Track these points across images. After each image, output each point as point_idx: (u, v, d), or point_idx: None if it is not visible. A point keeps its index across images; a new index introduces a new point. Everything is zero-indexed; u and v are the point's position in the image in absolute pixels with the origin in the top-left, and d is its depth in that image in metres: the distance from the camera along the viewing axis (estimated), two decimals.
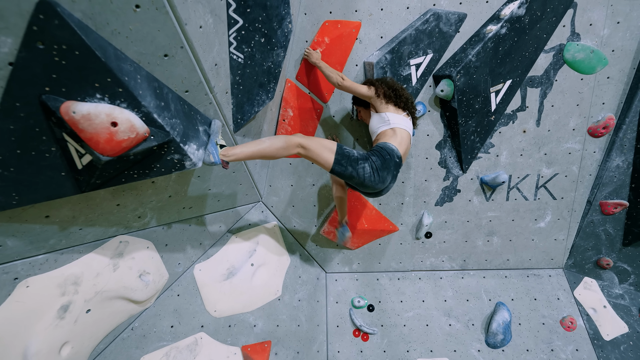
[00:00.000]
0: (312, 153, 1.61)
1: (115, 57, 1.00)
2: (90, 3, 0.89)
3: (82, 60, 0.93)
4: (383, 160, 1.69)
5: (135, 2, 0.96)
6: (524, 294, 2.67)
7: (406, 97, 1.95)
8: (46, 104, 0.94)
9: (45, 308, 1.41)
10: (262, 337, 2.30)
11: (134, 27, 1.01)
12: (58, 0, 0.83)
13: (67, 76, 0.93)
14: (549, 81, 2.36)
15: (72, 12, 0.87)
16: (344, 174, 1.64)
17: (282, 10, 1.62)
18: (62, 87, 0.95)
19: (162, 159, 1.27)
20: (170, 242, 2.00)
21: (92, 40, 0.92)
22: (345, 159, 1.62)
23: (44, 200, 1.16)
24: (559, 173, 2.55)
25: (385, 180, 1.70)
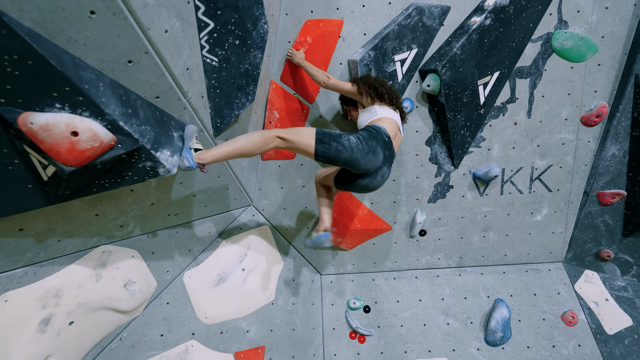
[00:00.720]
0: (291, 142, 1.53)
1: (72, 65, 0.98)
2: (40, 11, 0.87)
3: (37, 70, 0.91)
4: (369, 132, 1.63)
5: (89, 8, 0.94)
6: (523, 290, 2.61)
7: (388, 93, 1.90)
8: (2, 116, 0.92)
9: (26, 322, 1.40)
10: (255, 342, 2.27)
11: (91, 34, 0.99)
12: (5, 9, 0.81)
13: (22, 87, 0.92)
14: (538, 71, 2.31)
15: (21, 20, 0.85)
16: (330, 153, 1.52)
17: (255, 11, 1.59)
18: (18, 98, 0.93)
19: (133, 166, 1.25)
20: (157, 250, 1.98)
21: (46, 49, 0.90)
22: (327, 137, 1.54)
23: (13, 213, 1.14)
24: (553, 164, 2.49)
25: (377, 152, 1.59)
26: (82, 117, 1.01)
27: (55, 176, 1.08)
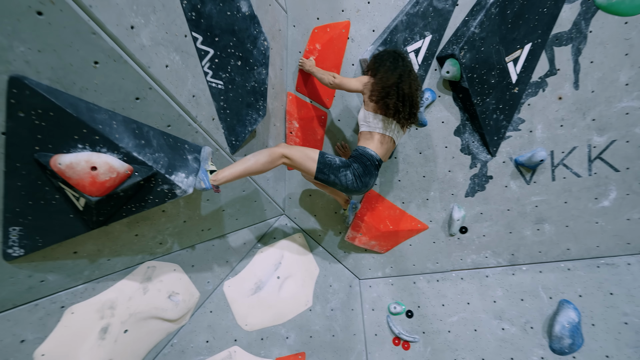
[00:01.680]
0: (296, 162, 1.65)
1: (87, 110, 1.14)
2: (53, 70, 1.04)
3: (58, 119, 1.08)
4: (364, 167, 1.70)
5: (93, 59, 1.10)
6: (595, 289, 2.24)
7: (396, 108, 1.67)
8: (39, 161, 1.11)
9: (88, 331, 1.63)
10: (295, 348, 2.32)
11: (98, 80, 1.14)
12: (25, 74, 0.99)
13: (49, 134, 1.10)
14: (581, 34, 2.00)
15: (40, 80, 1.03)
16: (327, 181, 1.68)
17: (252, 30, 1.67)
18: (49, 144, 1.11)
19: (153, 190, 1.40)
20: (196, 263, 2.16)
21: (63, 101, 1.07)
22: (327, 168, 1.65)
23: (63, 239, 1.36)
24: (617, 139, 2.11)
25: (369, 184, 1.73)
26: (99, 153, 1.16)
27: (87, 206, 1.26)
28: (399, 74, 1.68)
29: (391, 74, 1.67)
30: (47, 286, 1.49)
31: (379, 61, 1.76)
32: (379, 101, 1.69)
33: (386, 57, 1.75)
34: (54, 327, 1.56)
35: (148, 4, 1.21)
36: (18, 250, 1.27)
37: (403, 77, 1.68)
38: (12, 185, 1.13)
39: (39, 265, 1.41)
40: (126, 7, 1.13)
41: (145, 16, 1.21)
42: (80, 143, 1.15)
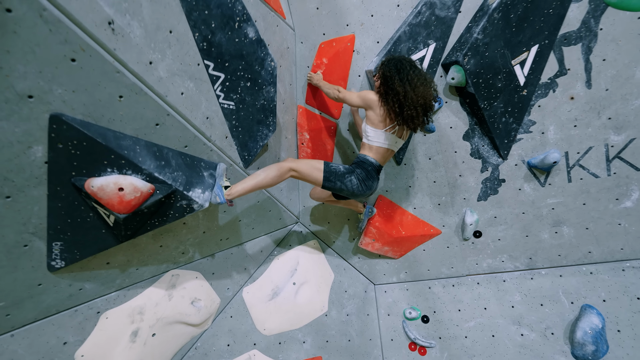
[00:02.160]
0: (303, 174, 1.76)
1: (114, 138, 1.29)
2: (85, 106, 1.19)
3: (90, 148, 1.23)
4: (367, 172, 1.82)
5: (118, 94, 1.25)
6: (620, 293, 2.15)
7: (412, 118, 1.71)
8: (75, 185, 1.27)
9: (121, 334, 1.80)
10: (312, 352, 2.39)
11: (123, 112, 1.29)
12: (62, 111, 1.15)
13: (83, 161, 1.25)
14: (591, 32, 1.96)
15: (74, 116, 1.19)
16: (334, 188, 1.81)
17: (260, 53, 1.79)
18: (83, 169, 1.27)
19: (173, 206, 1.54)
20: (216, 271, 2.30)
21: (93, 132, 1.22)
22: (332, 175, 1.77)
23: (98, 252, 1.52)
24: (637, 137, 2.04)
25: (372, 187, 1.87)
26: (125, 176, 1.31)
27: (117, 222, 1.41)
28: (410, 83, 1.68)
29: (401, 87, 1.68)
30: (85, 294, 1.67)
31: (386, 76, 1.75)
32: (397, 117, 1.73)
33: (391, 71, 1.73)
34: (91, 331, 1.73)
35: (164, 41, 1.36)
36: (60, 262, 1.44)
37: (413, 86, 1.68)
38: (54, 206, 1.30)
39: (77, 275, 1.58)
40: (145, 46, 1.28)
41: (162, 51, 1.35)
42: (109, 167, 1.30)
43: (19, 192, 1.20)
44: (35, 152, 1.16)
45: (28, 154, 1.15)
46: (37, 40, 1.00)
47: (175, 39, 1.41)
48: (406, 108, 1.68)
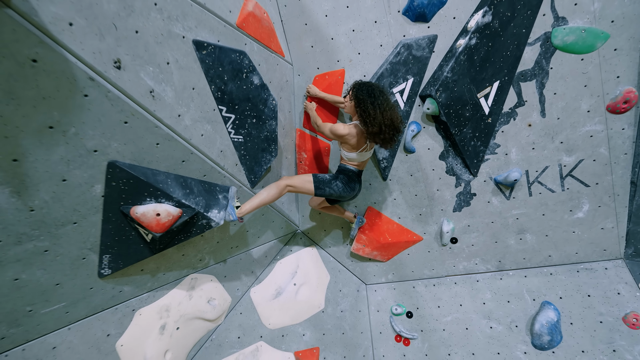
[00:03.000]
0: (298, 188, 2.16)
1: (152, 175, 1.67)
2: (132, 153, 1.57)
3: (135, 184, 1.61)
4: (348, 177, 2.25)
5: (155, 142, 1.62)
6: (574, 291, 2.51)
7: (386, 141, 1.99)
8: (123, 212, 1.65)
9: (151, 328, 2.18)
10: (311, 344, 2.77)
11: (159, 155, 1.67)
12: (116, 159, 1.53)
13: (129, 193, 1.63)
14: (543, 71, 2.31)
15: (124, 161, 1.56)
16: (325, 194, 2.19)
17: (263, 95, 2.16)
18: (129, 200, 1.65)
19: (195, 224, 1.92)
20: (228, 274, 2.68)
21: (137, 171, 1.60)
22: (321, 184, 2.17)
23: (137, 261, 1.90)
24: (585, 158, 2.38)
25: (355, 189, 2.27)
26: (161, 204, 1.69)
27: (153, 238, 1.79)
28: (380, 107, 1.89)
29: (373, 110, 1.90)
30: (124, 295, 2.05)
31: (359, 99, 1.96)
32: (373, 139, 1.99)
33: (364, 95, 1.94)
34: (128, 325, 2.11)
35: (188, 96, 1.73)
36: (107, 270, 1.83)
37: (382, 109, 1.89)
38: (106, 228, 1.68)
39: (119, 280, 1.96)
40: (175, 103, 1.65)
41: (187, 105, 1.73)
42: (149, 197, 1.68)
43: (83, 219, 1.58)
44: (96, 189, 1.54)
45: (91, 191, 1.54)
46: (103, 112, 1.38)
47: (197, 93, 1.79)
48: (375, 128, 1.90)
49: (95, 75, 1.30)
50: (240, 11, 2.11)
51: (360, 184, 2.33)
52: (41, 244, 1.50)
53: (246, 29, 2.14)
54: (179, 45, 1.65)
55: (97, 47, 1.28)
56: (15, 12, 1.05)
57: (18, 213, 1.36)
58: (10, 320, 1.57)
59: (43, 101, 1.22)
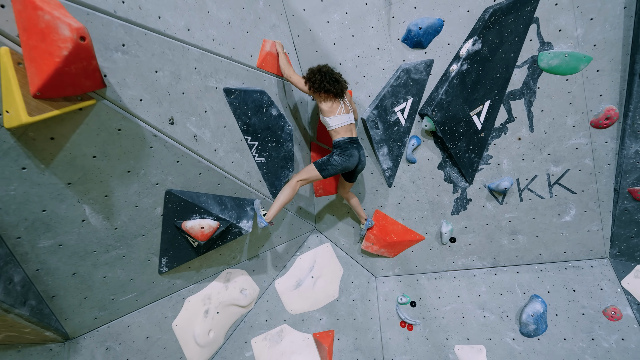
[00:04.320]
0: (307, 178, 2.50)
1: (196, 197, 2.15)
2: (182, 183, 2.05)
3: (185, 205, 2.10)
4: (341, 148, 2.50)
5: (198, 173, 2.09)
6: (561, 286, 2.79)
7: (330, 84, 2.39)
8: (176, 226, 2.16)
9: (197, 312, 2.74)
10: (326, 327, 3.26)
11: (201, 181, 2.15)
12: (170, 187, 2.01)
13: (180, 212, 2.13)
14: (531, 90, 2.54)
15: (177, 188, 2.05)
16: (331, 172, 2.48)
17: (280, 123, 2.57)
18: (180, 217, 2.15)
19: (230, 232, 2.40)
20: (256, 268, 3.19)
21: (186, 195, 2.09)
22: (323, 165, 2.47)
23: (186, 261, 2.43)
24: (571, 168, 2.62)
25: (353, 154, 2.49)
26: (203, 219, 2.18)
27: (199, 245, 2.29)
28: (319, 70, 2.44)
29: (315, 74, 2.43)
30: (176, 286, 2.61)
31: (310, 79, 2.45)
32: (320, 89, 2.40)
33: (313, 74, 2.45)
34: (180, 310, 2.67)
35: (222, 133, 2.18)
36: (165, 268, 2.36)
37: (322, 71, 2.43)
38: (164, 238, 2.20)
39: (173, 275, 2.51)
40: (212, 141, 2.11)
41: (220, 140, 2.18)
42: (195, 214, 2.17)
43: (148, 232, 2.10)
44: (157, 210, 2.05)
45: (154, 212, 2.04)
46: (162, 156, 1.86)
47: (228, 130, 2.23)
48: (317, 76, 2.39)
49: (157, 132, 1.77)
50: (259, 53, 2.51)
51: (358, 150, 2.53)
52: (121, 251, 2.04)
53: (265, 67, 2.54)
54: (213, 95, 2.09)
55: (158, 112, 1.75)
56: (108, 101, 1.52)
57: (107, 231, 1.89)
58: (100, 306, 2.15)
59: (124, 155, 1.71)
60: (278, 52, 2.61)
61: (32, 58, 1.21)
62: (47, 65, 1.19)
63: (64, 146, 1.49)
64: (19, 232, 1.57)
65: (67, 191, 1.61)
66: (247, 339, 3.07)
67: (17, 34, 1.22)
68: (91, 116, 1.49)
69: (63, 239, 1.73)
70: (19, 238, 1.59)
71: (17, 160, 1.40)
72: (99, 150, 1.60)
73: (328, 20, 2.83)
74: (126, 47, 1.55)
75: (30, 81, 1.24)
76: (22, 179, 1.45)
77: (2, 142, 1.33)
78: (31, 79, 1.23)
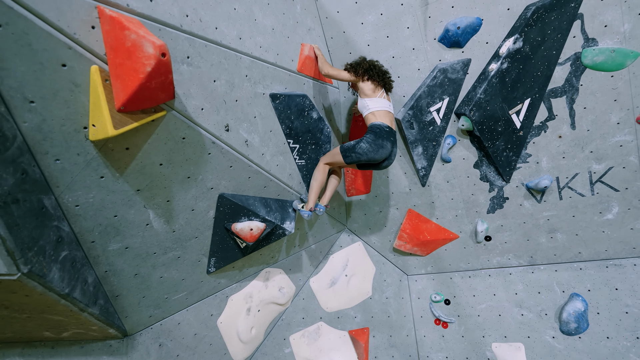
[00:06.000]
0: (332, 162, 2.44)
1: (245, 200, 2.23)
2: (233, 187, 2.12)
3: (235, 207, 2.18)
4: (375, 133, 2.29)
5: (247, 176, 2.16)
6: (602, 285, 2.77)
7: (378, 74, 2.42)
8: (226, 228, 2.24)
9: (240, 310, 2.83)
10: (361, 324, 3.31)
11: (250, 185, 2.22)
12: (223, 192, 2.09)
13: (230, 214, 2.21)
14: (573, 87, 2.51)
15: (228, 192, 2.12)
16: (354, 160, 2.30)
17: (320, 125, 2.62)
18: (230, 219, 2.23)
19: (274, 233, 2.48)
20: (292, 267, 3.27)
21: (236, 199, 2.16)
22: (347, 152, 2.32)
23: (233, 261, 2.51)
24: (614, 166, 2.58)
25: (384, 145, 2.26)
26: (252, 221, 2.25)
27: (246, 246, 2.37)
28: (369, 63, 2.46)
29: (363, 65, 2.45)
30: (221, 285, 2.70)
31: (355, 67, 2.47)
32: (369, 78, 2.40)
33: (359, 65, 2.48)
34: (224, 307, 2.77)
35: (268, 138, 2.24)
36: (213, 268, 2.46)
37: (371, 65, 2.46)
38: (214, 239, 2.28)
39: (218, 275, 2.60)
40: (260, 145, 2.17)
41: (267, 144, 2.24)
42: (244, 216, 2.25)
43: (201, 234, 2.19)
44: (210, 214, 2.13)
45: (207, 215, 2.13)
46: (218, 162, 1.93)
47: (273, 134, 2.29)
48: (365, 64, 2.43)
49: (215, 139, 1.84)
50: (299, 57, 2.56)
51: (392, 145, 2.28)
52: (177, 252, 2.13)
53: (304, 71, 2.59)
54: (261, 101, 2.15)
55: (216, 119, 1.82)
56: (176, 111, 1.59)
57: (166, 234, 1.98)
58: (155, 304, 2.25)
59: (186, 162, 1.79)
60: (317, 55, 2.65)
61: (118, 75, 1.28)
62: (132, 81, 1.27)
63: (136, 155, 1.57)
64: (94, 237, 1.67)
65: (136, 197, 1.70)
66: (286, 336, 3.15)
67: (105, 53, 1.29)
68: (161, 126, 1.57)
69: (129, 242, 1.83)
70: (93, 242, 1.68)
71: (97, 169, 1.49)
72: (165, 158, 1.68)
73: (362, 22, 2.85)
74: (190, 59, 1.61)
75: (116, 96, 1.31)
76: (100, 187, 1.54)
77: (86, 153, 1.42)
78: (116, 94, 1.31)
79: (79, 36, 1.21)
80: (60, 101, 1.27)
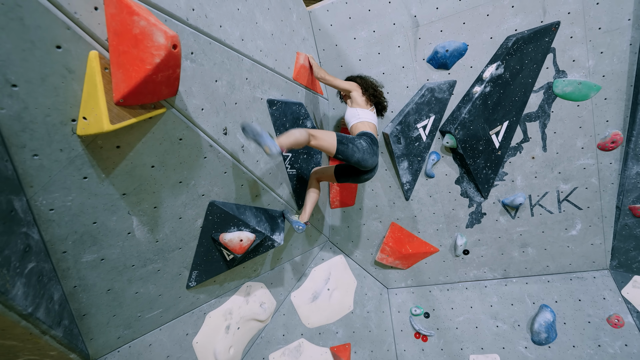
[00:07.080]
0: (319, 140, 1.96)
1: (236, 209, 2.10)
2: (224, 195, 1.99)
3: (224, 216, 2.04)
4: (371, 138, 2.18)
5: (241, 184, 2.05)
6: (567, 296, 2.98)
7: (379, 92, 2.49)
8: (214, 238, 2.08)
9: (219, 328, 2.62)
10: (343, 340, 3.23)
11: (242, 193, 2.09)
12: (214, 199, 1.95)
13: (220, 224, 2.06)
14: (545, 113, 2.74)
15: (219, 200, 1.98)
16: (347, 152, 1.99)
17: None
18: (219, 229, 2.07)
19: (263, 245, 2.35)
20: (274, 281, 3.12)
21: (227, 207, 2.03)
22: (345, 139, 2.02)
23: (216, 275, 2.33)
24: (579, 186, 2.84)
25: (377, 154, 2.18)
26: (242, 231, 2.12)
27: (233, 258, 2.22)
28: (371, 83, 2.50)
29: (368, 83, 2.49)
30: (199, 301, 2.49)
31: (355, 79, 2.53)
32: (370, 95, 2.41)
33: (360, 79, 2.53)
34: (201, 325, 2.55)
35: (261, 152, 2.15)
36: (193, 282, 2.26)
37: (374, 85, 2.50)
38: (199, 251, 2.11)
39: (197, 290, 2.40)
40: (255, 152, 2.07)
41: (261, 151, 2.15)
42: (233, 226, 2.11)
43: (186, 245, 2.01)
44: (198, 222, 1.97)
45: (195, 224, 1.96)
46: (213, 167, 1.81)
47: None
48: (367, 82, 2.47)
49: (213, 142, 1.72)
50: (294, 65, 2.53)
51: (377, 152, 2.20)
52: (157, 265, 1.93)
53: (299, 80, 2.55)
54: (259, 106, 2.07)
55: (215, 121, 1.70)
56: (176, 110, 1.46)
57: (148, 244, 1.79)
58: (126, 324, 2.01)
59: (179, 165, 1.64)
60: (311, 64, 2.63)
61: (121, 63, 1.15)
62: (137, 72, 1.14)
63: (127, 155, 1.41)
64: (66, 246, 1.45)
65: (121, 202, 1.51)
66: (265, 355, 2.97)
67: (106, 38, 1.16)
68: (158, 125, 1.43)
69: (106, 252, 1.62)
70: (64, 252, 1.46)
71: (81, 169, 1.30)
72: (158, 159, 1.53)
73: (355, 37, 2.90)
74: (194, 56, 1.51)
75: (115, 87, 1.17)
76: (82, 189, 1.35)
77: (70, 149, 1.24)
78: (116, 85, 1.17)
79: (79, 16, 1.07)
80: (49, 88, 1.10)
